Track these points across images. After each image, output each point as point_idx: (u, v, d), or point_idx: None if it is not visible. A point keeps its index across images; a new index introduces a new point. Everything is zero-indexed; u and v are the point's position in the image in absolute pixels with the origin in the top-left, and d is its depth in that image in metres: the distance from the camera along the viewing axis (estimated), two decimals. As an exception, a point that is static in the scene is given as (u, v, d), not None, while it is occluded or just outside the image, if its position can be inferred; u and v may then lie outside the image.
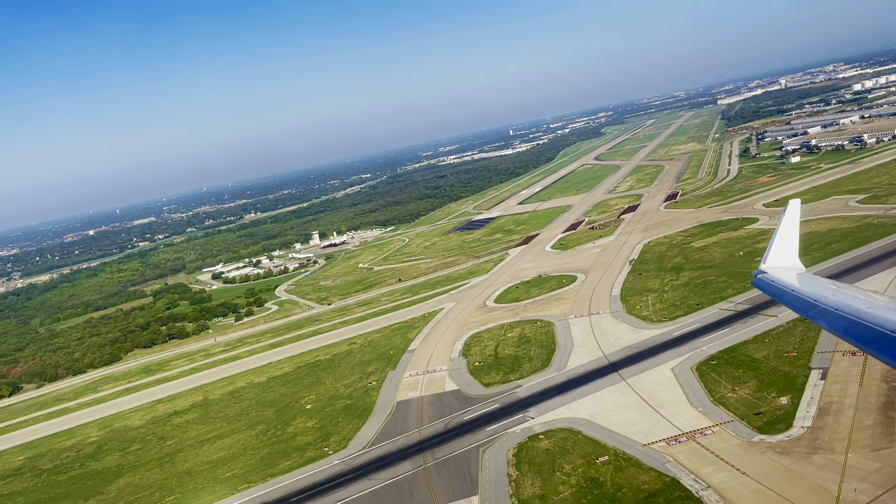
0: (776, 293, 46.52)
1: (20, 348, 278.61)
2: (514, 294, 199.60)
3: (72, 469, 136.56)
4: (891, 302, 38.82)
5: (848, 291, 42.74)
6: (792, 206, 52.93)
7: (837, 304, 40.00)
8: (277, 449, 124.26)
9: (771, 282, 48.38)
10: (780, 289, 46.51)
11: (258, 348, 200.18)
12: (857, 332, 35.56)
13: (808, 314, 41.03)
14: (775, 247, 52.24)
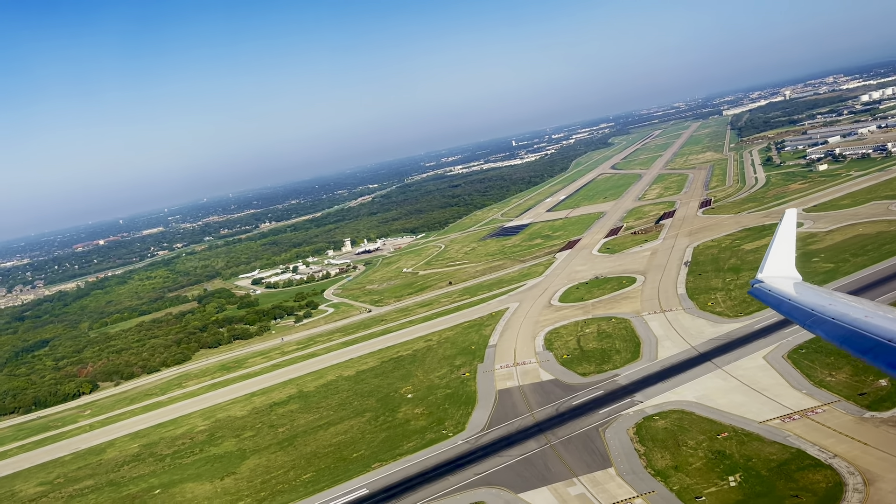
0: (773, 302, 46.63)
1: (79, 350, 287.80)
2: (577, 294, 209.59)
3: (192, 454, 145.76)
4: (887, 311, 38.89)
5: (845, 300, 42.82)
6: (787, 216, 52.76)
7: (835, 312, 40.03)
8: (394, 433, 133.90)
9: (768, 291, 48.41)
10: (777, 298, 46.57)
11: (334, 346, 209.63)
12: (855, 340, 35.73)
13: (806, 323, 41.20)
14: (772, 256, 51.97)
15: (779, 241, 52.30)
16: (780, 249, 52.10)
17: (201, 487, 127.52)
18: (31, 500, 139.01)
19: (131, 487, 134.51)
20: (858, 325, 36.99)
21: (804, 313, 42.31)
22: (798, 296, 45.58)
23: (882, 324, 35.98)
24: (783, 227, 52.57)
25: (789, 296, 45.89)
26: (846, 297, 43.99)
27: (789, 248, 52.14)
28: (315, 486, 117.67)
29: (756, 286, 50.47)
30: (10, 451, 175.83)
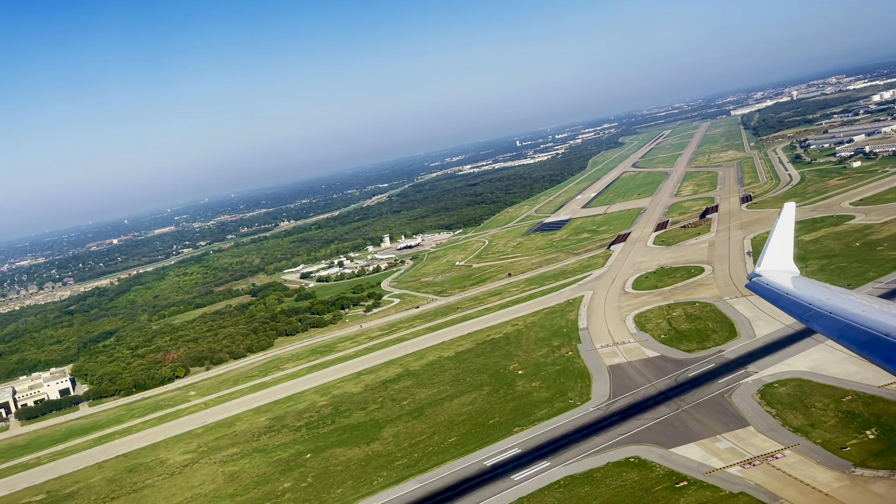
0: (771, 296, 46.62)
1: (149, 340, 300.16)
2: (649, 282, 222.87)
3: (325, 425, 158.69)
4: (885, 305, 39.15)
5: (842, 295, 42.92)
6: (786, 210, 52.45)
7: (832, 307, 39.96)
8: (521, 403, 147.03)
9: (766, 285, 48.43)
10: (774, 292, 46.58)
11: (420, 331, 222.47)
12: (852, 335, 35.51)
13: (803, 317, 41.08)
14: (770, 250, 51.98)
15: (777, 234, 52.26)
16: (778, 243, 52.02)
17: (350, 452, 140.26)
18: (183, 465, 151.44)
19: (280, 453, 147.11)
20: (856, 320, 36.80)
21: (801, 307, 42.24)
22: (796, 290, 45.67)
23: (880, 318, 35.95)
24: (782, 221, 52.39)
25: (787, 290, 46.00)
26: (844, 292, 44.59)
27: (788, 242, 51.89)
28: (464, 448, 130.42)
29: (754, 280, 50.58)
30: (136, 426, 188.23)
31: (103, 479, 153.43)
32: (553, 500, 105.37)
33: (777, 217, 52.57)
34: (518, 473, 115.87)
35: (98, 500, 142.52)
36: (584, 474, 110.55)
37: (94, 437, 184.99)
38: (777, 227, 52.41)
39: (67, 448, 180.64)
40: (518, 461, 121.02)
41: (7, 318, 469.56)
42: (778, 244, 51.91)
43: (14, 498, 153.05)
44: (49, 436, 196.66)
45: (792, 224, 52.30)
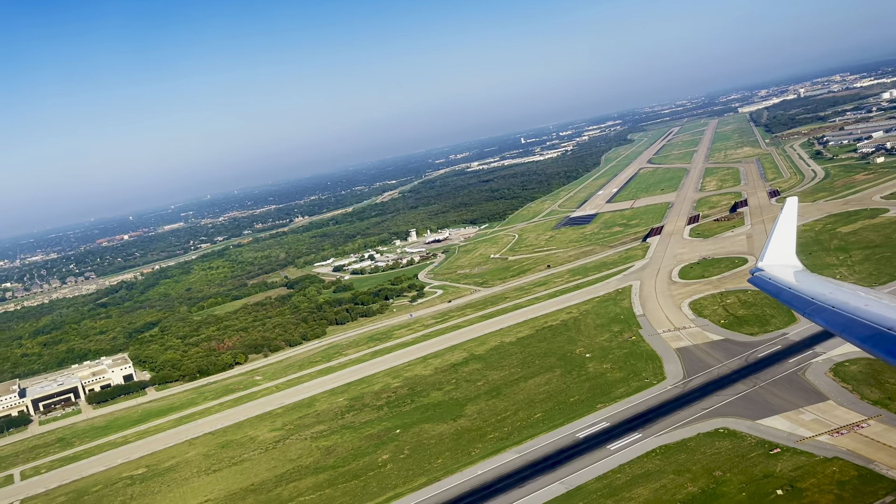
0: (773, 290, 47.01)
1: (195, 329, 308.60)
2: (695, 272, 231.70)
3: (405, 404, 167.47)
4: (887, 299, 38.81)
5: (845, 289, 42.87)
6: (789, 204, 53.03)
7: (834, 301, 39.71)
8: (597, 382, 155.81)
9: (768, 279, 49.12)
10: (777, 286, 47.03)
11: (473, 318, 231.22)
12: (854, 329, 35.54)
13: (806, 311, 41.15)
14: (773, 244, 52.24)
15: (780, 229, 52.53)
16: (780, 238, 52.12)
17: (438, 427, 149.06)
18: (275, 441, 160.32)
19: (369, 429, 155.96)
20: (858, 314, 36.67)
21: (804, 301, 42.51)
22: (798, 284, 45.73)
23: (882, 312, 35.88)
24: (784, 216, 52.51)
25: (789, 284, 46.29)
26: (847, 286, 44.71)
27: (790, 237, 51.96)
28: (552, 423, 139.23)
29: (756, 274, 51.47)
30: (213, 408, 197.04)
31: (198, 454, 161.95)
32: (653, 466, 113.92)
33: (779, 212, 52.65)
34: (613, 444, 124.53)
35: (199, 472, 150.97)
36: (678, 443, 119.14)
37: (174, 418, 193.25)
38: (779, 222, 52.90)
39: (151, 428, 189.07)
40: (609, 433, 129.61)
41: (39, 311, 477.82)
42: (780, 239, 52.22)
43: (114, 472, 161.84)
44: (127, 417, 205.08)
45: (794, 219, 52.52)
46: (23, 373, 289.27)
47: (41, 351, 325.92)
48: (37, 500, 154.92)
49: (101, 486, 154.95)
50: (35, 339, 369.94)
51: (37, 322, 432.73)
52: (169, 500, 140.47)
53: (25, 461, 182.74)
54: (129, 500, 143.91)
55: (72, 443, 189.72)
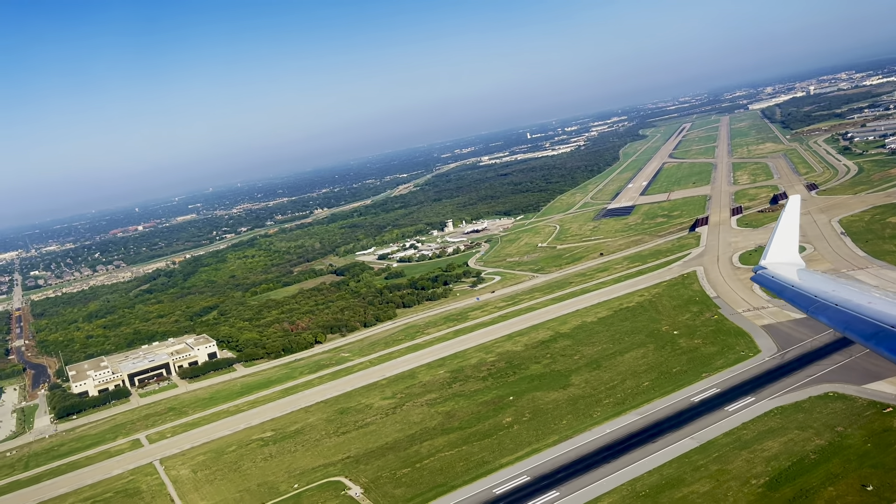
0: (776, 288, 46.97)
1: (258, 313, 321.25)
2: (756, 258, 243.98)
3: (508, 375, 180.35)
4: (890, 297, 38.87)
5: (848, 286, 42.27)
6: (792, 203, 52.24)
7: (838, 299, 39.70)
8: (693, 356, 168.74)
9: (771, 277, 48.80)
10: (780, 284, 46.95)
11: (545, 301, 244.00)
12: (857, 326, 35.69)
13: (809, 309, 40.65)
14: (775, 243, 51.43)
15: (782, 227, 51.39)
16: (783, 236, 51.28)
17: (550, 395, 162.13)
18: (391, 408, 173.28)
19: (481, 397, 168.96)
20: (861, 311, 36.76)
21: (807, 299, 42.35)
22: (801, 282, 45.89)
23: (885, 309, 35.92)
24: (787, 214, 51.49)
25: (792, 282, 46.38)
26: (850, 283, 44.97)
27: (793, 235, 51.17)
28: (663, 390, 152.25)
29: (759, 272, 50.39)
30: (312, 381, 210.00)
31: (319, 419, 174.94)
32: (775, 423, 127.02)
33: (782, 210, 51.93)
34: (729, 406, 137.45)
35: (328, 434, 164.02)
36: (793, 405, 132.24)
37: (279, 389, 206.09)
38: (782, 220, 51.34)
39: (259, 398, 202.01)
40: (722, 398, 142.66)
41: (82, 297, 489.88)
42: (783, 237, 51.07)
43: (242, 435, 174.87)
44: (228, 390, 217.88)
45: (797, 217, 51.62)
46: (95, 353, 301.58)
47: (105, 333, 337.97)
48: (174, 459, 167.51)
49: (234, 446, 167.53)
50: (91, 322, 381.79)
51: (85, 307, 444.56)
52: (308, 457, 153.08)
53: (145, 427, 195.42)
54: (270, 458, 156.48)
55: (185, 412, 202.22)
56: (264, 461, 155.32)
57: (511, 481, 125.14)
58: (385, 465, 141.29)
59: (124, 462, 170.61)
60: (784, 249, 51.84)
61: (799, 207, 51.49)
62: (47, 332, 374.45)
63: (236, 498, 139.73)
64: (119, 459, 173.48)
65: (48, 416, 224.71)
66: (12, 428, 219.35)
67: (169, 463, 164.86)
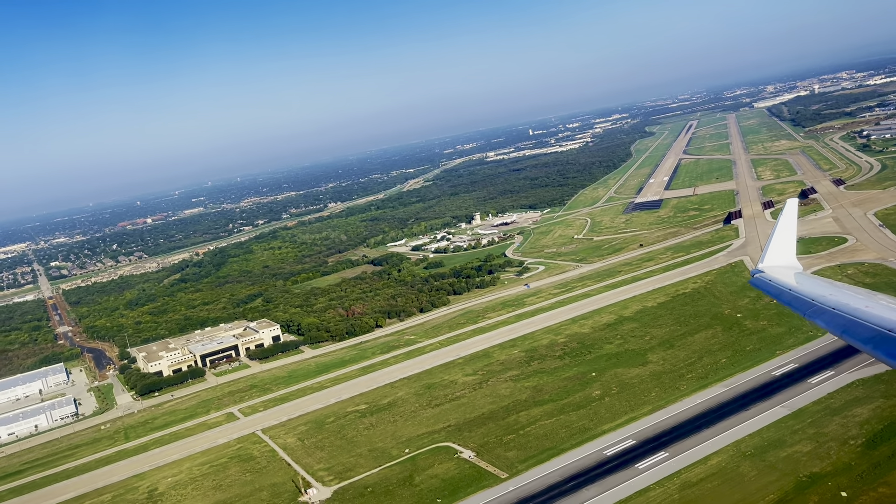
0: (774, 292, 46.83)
1: (307, 300, 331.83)
2: (800, 248, 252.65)
3: (583, 354, 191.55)
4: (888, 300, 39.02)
5: (845, 290, 42.82)
6: (789, 206, 52.56)
7: (835, 303, 39.83)
8: (762, 336, 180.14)
9: (769, 281, 48.89)
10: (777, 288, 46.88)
11: (599, 288, 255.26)
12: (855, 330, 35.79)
13: (806, 313, 41.04)
14: (773, 246, 52.19)
15: (780, 230, 52.63)
16: (781, 239, 52.55)
17: (631, 371, 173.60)
18: (476, 384, 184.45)
19: (563, 373, 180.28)
20: (858, 315, 37.04)
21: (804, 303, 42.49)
22: (798, 286, 45.94)
23: (882, 313, 36.22)
24: (784, 217, 52.63)
25: (790, 286, 46.42)
26: (847, 287, 44.66)
27: (791, 239, 52.57)
28: (741, 366, 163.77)
29: (756, 276, 51.12)
30: (387, 360, 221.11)
31: (408, 393, 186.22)
32: (860, 393, 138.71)
33: (780, 214, 53.44)
34: (811, 379, 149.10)
35: (422, 406, 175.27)
36: (873, 377, 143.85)
37: (357, 368, 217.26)
38: (780, 224, 53.03)
39: (340, 376, 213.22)
40: (802, 371, 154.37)
41: (113, 286, 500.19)
42: (781, 240, 52.69)
43: (336, 408, 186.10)
44: (304, 369, 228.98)
45: (794, 220, 52.83)
46: (151, 337, 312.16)
47: (155, 319, 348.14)
48: (276, 429, 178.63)
49: (332, 418, 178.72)
50: (134, 309, 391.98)
51: (121, 295, 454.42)
52: (410, 426, 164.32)
53: (234, 403, 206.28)
54: (372, 427, 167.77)
55: (268, 388, 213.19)
56: (367, 430, 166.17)
57: (618, 444, 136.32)
58: (488, 433, 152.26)
59: (226, 432, 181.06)
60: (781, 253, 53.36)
61: (796, 210, 53.86)
62: (92, 318, 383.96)
63: (351, 462, 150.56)
64: (220, 430, 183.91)
65: (126, 393, 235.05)
66: (95, 405, 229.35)
67: (272, 433, 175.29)
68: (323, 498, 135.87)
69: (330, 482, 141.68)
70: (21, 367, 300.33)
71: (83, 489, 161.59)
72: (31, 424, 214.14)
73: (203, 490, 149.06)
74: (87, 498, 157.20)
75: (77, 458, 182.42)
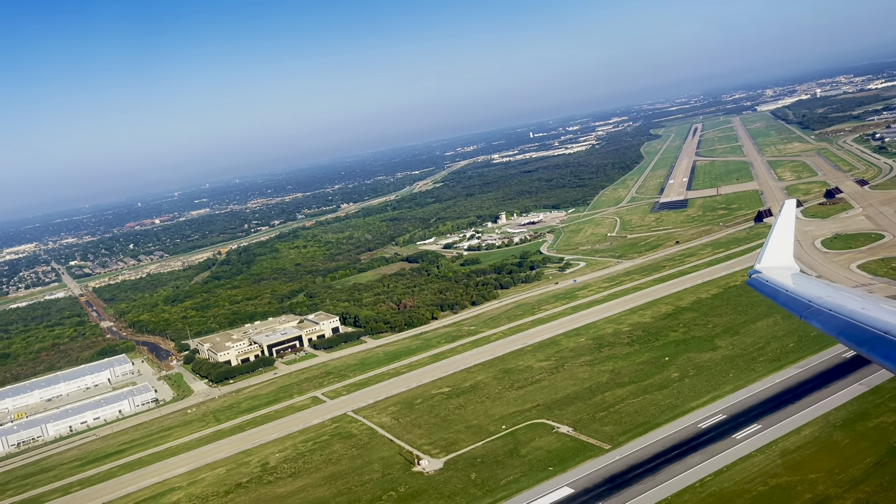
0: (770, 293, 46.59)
1: (353, 294, 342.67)
2: (839, 244, 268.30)
3: (651, 341, 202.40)
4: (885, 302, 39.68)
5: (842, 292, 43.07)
6: (787, 207, 52.52)
7: (832, 304, 40.34)
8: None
9: (765, 282, 48.90)
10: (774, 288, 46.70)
11: (649, 281, 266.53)
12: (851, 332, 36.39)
13: (803, 314, 41.30)
14: (770, 247, 52.45)
15: (777, 231, 52.73)
16: (778, 240, 52.69)
17: (703, 356, 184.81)
18: (553, 368, 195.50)
19: (637, 358, 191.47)
20: (855, 317, 37.19)
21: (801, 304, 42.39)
22: (795, 287, 45.84)
23: (879, 315, 36.43)
24: (782, 218, 52.83)
25: (786, 287, 46.28)
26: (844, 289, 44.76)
27: (788, 239, 52.62)
28: (810, 349, 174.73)
29: (753, 276, 51.46)
30: (456, 348, 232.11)
31: (487, 377, 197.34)
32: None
33: (777, 214, 54.19)
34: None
35: (505, 388, 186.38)
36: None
37: (428, 356, 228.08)
38: (777, 224, 53.33)
39: (413, 362, 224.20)
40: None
41: (144, 284, 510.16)
42: (778, 241, 53.01)
43: (420, 390, 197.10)
44: (374, 357, 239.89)
45: (792, 221, 53.19)
46: (202, 330, 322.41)
47: (201, 314, 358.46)
48: (367, 410, 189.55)
49: (420, 399, 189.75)
50: (174, 305, 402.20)
51: (154, 292, 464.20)
52: (499, 406, 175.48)
53: (314, 388, 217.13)
54: (462, 407, 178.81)
55: (345, 375, 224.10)
56: (458, 409, 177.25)
57: (709, 419, 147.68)
58: (578, 411, 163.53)
59: (317, 414, 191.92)
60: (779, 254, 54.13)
61: (794, 212, 54.61)
62: (134, 313, 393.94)
63: (451, 437, 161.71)
64: (310, 412, 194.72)
65: (199, 381, 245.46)
66: (171, 392, 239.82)
67: (364, 413, 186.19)
68: (436, 468, 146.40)
69: (437, 455, 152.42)
70: (78, 360, 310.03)
71: (193, 464, 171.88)
72: (115, 409, 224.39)
73: (314, 463, 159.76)
74: (201, 472, 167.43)
75: (176, 438, 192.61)
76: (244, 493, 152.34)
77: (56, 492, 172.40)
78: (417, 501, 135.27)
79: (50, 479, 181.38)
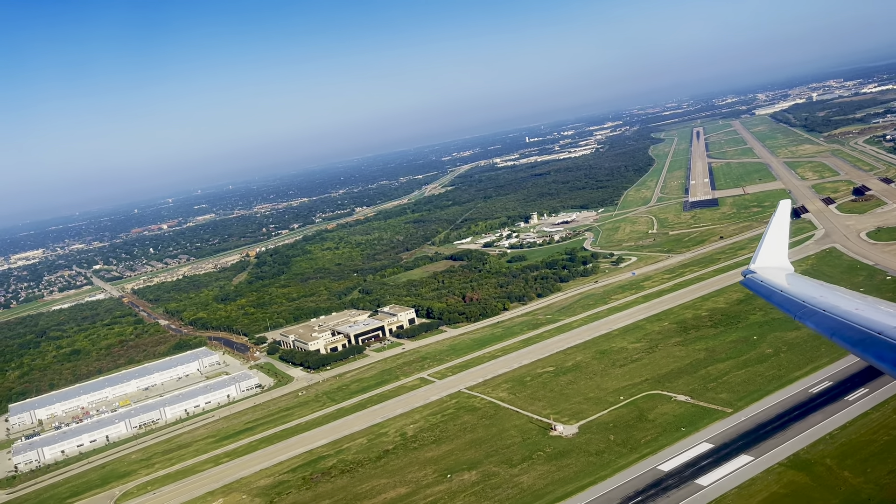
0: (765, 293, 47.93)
1: (409, 290, 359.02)
2: (884, 236, 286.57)
3: (734, 323, 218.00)
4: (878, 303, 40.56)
5: (836, 292, 44.59)
6: (782, 207, 53.39)
7: (826, 304, 41.43)
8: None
9: (760, 282, 49.82)
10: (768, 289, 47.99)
11: (708, 273, 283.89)
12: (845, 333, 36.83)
13: (797, 314, 42.71)
14: (765, 247, 52.83)
15: (772, 231, 52.93)
16: (773, 240, 52.83)
17: (789, 334, 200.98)
18: (648, 348, 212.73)
19: (725, 337, 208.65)
20: (849, 318, 38.13)
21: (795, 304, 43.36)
22: (790, 287, 46.69)
23: (873, 316, 37.35)
24: (777, 218, 53.16)
25: (781, 287, 47.04)
26: (838, 289, 45.67)
27: (783, 239, 53.04)
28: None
29: (748, 277, 51.36)
30: (542, 334, 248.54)
31: (587, 357, 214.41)
32: None
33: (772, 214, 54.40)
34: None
35: (608, 367, 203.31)
36: None
37: (517, 341, 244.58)
38: (772, 225, 53.71)
39: (507, 346, 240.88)
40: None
41: (184, 285, 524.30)
42: (773, 241, 53.21)
43: (526, 369, 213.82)
44: (462, 344, 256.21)
45: (787, 221, 53.88)
46: (272, 325, 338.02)
47: (261, 311, 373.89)
48: (480, 387, 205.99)
49: (529, 377, 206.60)
50: (226, 304, 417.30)
51: (198, 292, 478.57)
52: (609, 381, 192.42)
53: (417, 371, 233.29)
54: (572, 383, 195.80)
55: (441, 359, 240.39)
56: (570, 385, 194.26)
57: (817, 385, 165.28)
58: (689, 383, 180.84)
59: (432, 391, 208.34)
60: (774, 254, 54.37)
61: (789, 212, 55.80)
62: (190, 312, 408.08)
63: (575, 408, 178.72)
64: (424, 390, 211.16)
65: (294, 369, 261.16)
66: (269, 379, 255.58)
67: (479, 390, 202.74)
68: (572, 432, 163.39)
69: (569, 422, 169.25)
70: (156, 354, 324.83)
71: (332, 437, 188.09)
72: (224, 394, 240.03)
73: (451, 432, 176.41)
74: (342, 442, 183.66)
75: (300, 417, 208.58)
76: (395, 458, 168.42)
77: (207, 462, 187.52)
78: (568, 458, 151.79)
79: (193, 454, 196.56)
